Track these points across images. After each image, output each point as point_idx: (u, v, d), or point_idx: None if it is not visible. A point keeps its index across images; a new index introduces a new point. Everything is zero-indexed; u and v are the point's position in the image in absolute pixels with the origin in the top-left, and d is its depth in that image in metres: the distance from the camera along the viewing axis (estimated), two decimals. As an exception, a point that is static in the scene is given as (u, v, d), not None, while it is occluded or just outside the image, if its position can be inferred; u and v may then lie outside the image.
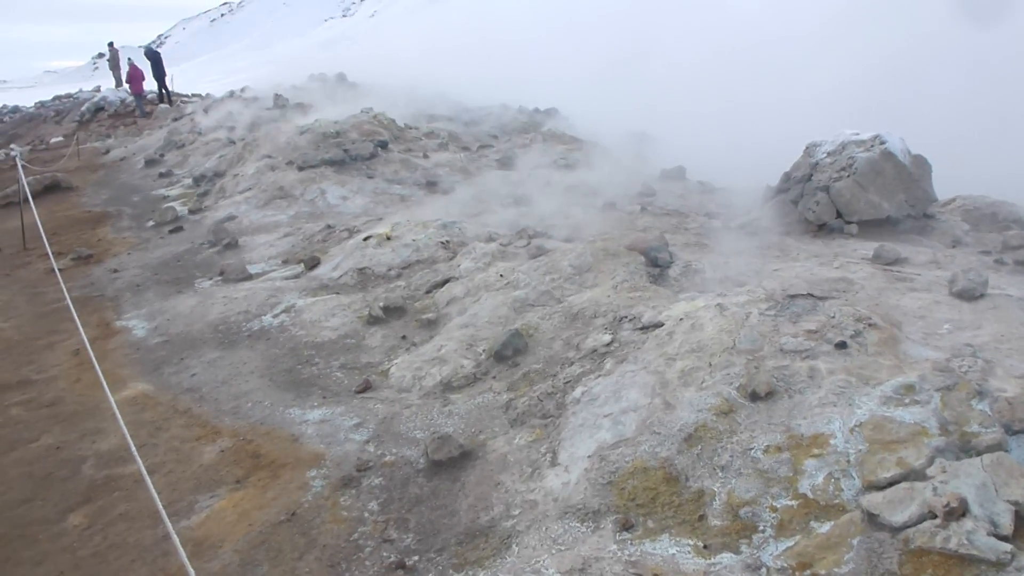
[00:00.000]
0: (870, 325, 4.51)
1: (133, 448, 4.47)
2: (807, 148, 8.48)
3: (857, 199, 7.75)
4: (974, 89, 15.54)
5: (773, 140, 12.48)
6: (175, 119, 22.62)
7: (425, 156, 12.99)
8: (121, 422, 4.80)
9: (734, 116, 16.56)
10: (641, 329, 5.23)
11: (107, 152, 20.35)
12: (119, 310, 8.03)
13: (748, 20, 23.63)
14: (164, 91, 27.58)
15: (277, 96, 18.69)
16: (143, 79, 26.08)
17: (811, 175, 8.14)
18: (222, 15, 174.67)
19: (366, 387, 5.68)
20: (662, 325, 5.08)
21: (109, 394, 5.29)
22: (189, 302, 7.86)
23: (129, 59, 27.42)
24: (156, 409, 5.76)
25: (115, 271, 9.35)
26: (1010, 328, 5.02)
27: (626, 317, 5.50)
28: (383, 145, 12.79)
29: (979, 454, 3.46)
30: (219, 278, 8.57)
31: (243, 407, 5.63)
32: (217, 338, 6.93)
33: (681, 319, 5.00)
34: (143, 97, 26.59)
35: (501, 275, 6.77)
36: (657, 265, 6.43)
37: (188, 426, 5.47)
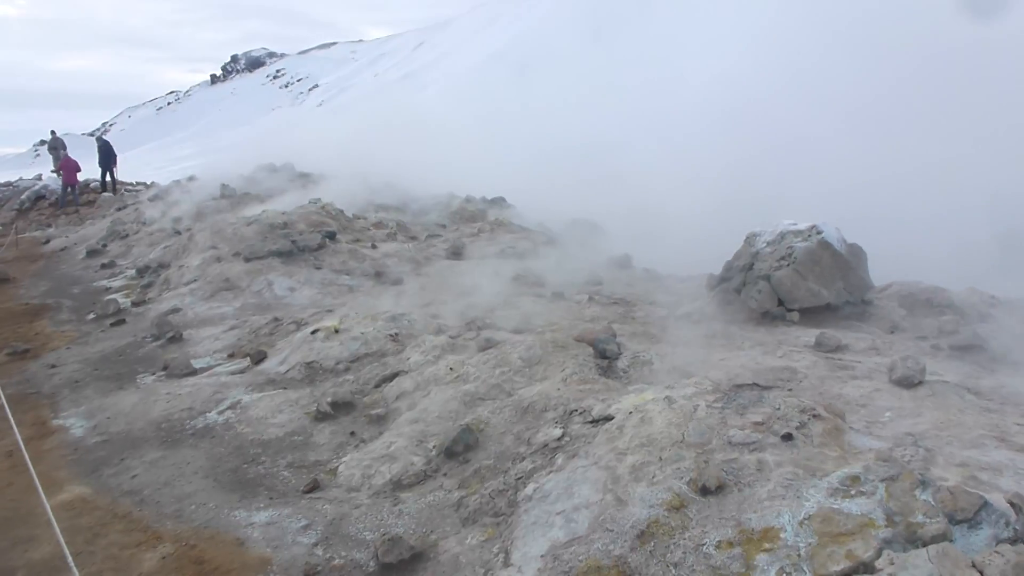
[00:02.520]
0: (815, 416, 4.59)
1: (68, 557, 4.30)
2: (747, 238, 8.75)
3: (797, 287, 7.98)
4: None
5: (715, 227, 12.89)
6: (119, 208, 22.42)
7: (373, 246, 13.05)
8: (56, 528, 4.62)
9: (678, 204, 17.04)
10: (591, 423, 5.25)
11: (47, 242, 20.01)
12: (56, 408, 7.78)
13: (690, 111, 24.55)
14: (111, 179, 27.38)
15: (224, 186, 18.69)
16: (78, 170, 25.79)
17: (752, 264, 8.38)
18: (168, 103, 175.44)
19: (314, 486, 5.57)
20: (612, 418, 5.10)
21: (44, 498, 5.11)
22: (131, 399, 7.66)
23: (62, 151, 26.99)
24: (94, 514, 5.55)
25: (53, 366, 9.09)
26: (948, 415, 5.17)
27: (576, 410, 5.52)
28: (331, 236, 12.83)
29: (925, 545, 3.52)
30: (162, 373, 8.39)
31: (186, 510, 5.46)
32: (160, 437, 6.75)
33: (631, 412, 5.04)
34: (75, 188, 26.25)
35: (451, 368, 6.76)
36: (606, 357, 6.50)
37: (128, 531, 5.27)
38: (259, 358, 8.33)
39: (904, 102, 20.22)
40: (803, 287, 7.98)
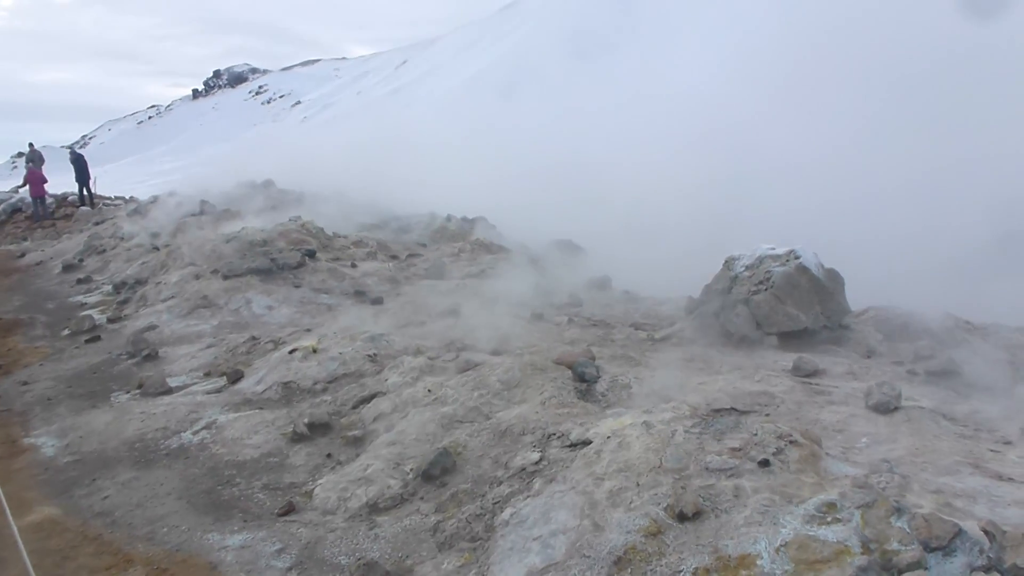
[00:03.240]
0: (791, 442, 4.60)
1: (36, 581, 4.23)
2: (726, 261, 8.79)
3: (775, 311, 8.02)
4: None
5: (695, 250, 12.98)
6: (96, 223, 22.26)
7: (353, 265, 13.00)
8: (23, 551, 4.54)
9: (658, 224, 17.14)
10: (569, 447, 5.24)
11: (23, 255, 19.83)
12: (28, 426, 7.66)
13: (670, 131, 24.74)
14: (88, 193, 27.19)
15: (203, 202, 18.60)
16: (44, 182, 25.59)
17: (731, 288, 8.42)
18: (149, 117, 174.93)
19: (289, 509, 5.51)
20: (590, 443, 5.09)
21: (11, 520, 5.02)
22: (104, 418, 7.57)
23: (29, 163, 26.75)
24: (63, 536, 5.46)
25: (25, 383, 8.97)
26: (923, 441, 5.20)
27: (554, 434, 5.51)
28: (311, 254, 12.77)
29: (900, 573, 3.53)
30: (137, 391, 8.30)
31: (158, 532, 5.39)
32: (133, 457, 6.67)
33: (609, 437, 5.03)
34: (43, 200, 26.05)
35: (429, 390, 6.73)
36: (584, 380, 6.49)
37: (98, 554, 5.18)
38: (236, 377, 8.26)
39: (885, 116, 20.48)
40: (781, 311, 8.01)
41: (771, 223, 14.90)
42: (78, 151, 29.97)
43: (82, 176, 26.65)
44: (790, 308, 8.04)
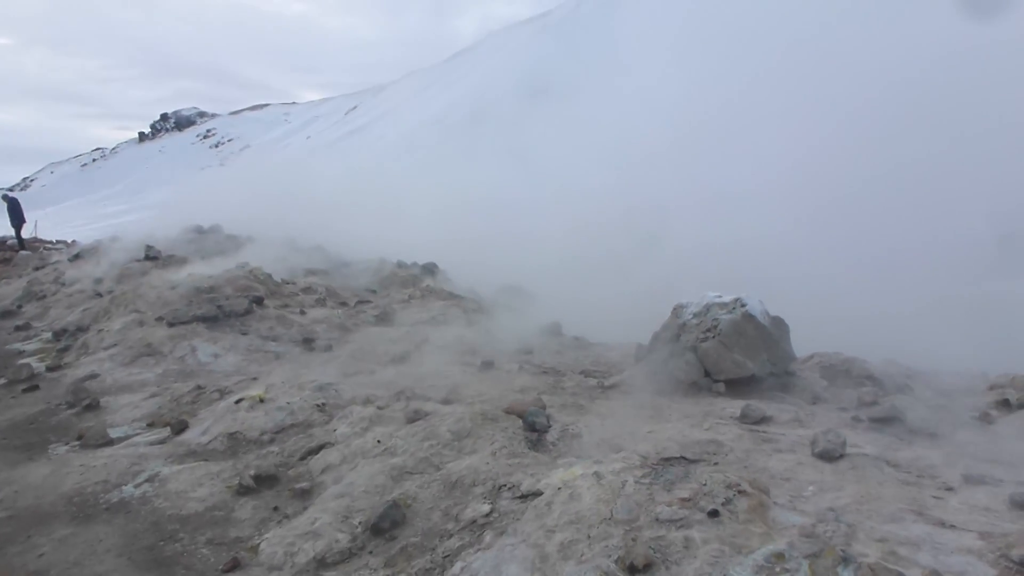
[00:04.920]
0: (740, 492, 4.64)
1: (-35, 648, 4.05)
2: (674, 309, 8.91)
3: (723, 359, 8.13)
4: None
5: (643, 296, 13.12)
6: (36, 268, 21.76)
7: (302, 312, 12.89)
8: (-48, 617, 4.36)
9: (608, 271, 17.30)
10: (520, 498, 5.22)
11: (-42, 302, 19.24)
12: (-41, 481, 7.39)
13: (617, 179, 25.09)
14: (21, 238, 26.66)
15: (148, 247, 18.31)
16: None
17: (679, 335, 8.52)
18: (94, 160, 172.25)
19: (234, 565, 5.37)
20: (541, 494, 5.08)
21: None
22: (41, 471, 7.32)
23: None
24: (-5, 597, 5.26)
25: (-43, 436, 8.67)
26: (868, 489, 5.28)
27: (505, 485, 5.48)
28: (258, 301, 12.63)
29: (848, 623, 3.56)
30: (77, 443, 8.06)
31: (96, 592, 5.21)
32: (71, 512, 6.45)
33: (559, 488, 5.02)
34: None
35: (379, 441, 6.66)
36: (535, 430, 6.49)
37: (31, 616, 5.00)
38: (180, 428, 8.08)
39: (839, 155, 20.86)
40: (728, 359, 8.13)
41: (724, 267, 15.12)
42: (12, 195, 29.43)
43: (16, 220, 26.17)
44: (737, 355, 8.16)
